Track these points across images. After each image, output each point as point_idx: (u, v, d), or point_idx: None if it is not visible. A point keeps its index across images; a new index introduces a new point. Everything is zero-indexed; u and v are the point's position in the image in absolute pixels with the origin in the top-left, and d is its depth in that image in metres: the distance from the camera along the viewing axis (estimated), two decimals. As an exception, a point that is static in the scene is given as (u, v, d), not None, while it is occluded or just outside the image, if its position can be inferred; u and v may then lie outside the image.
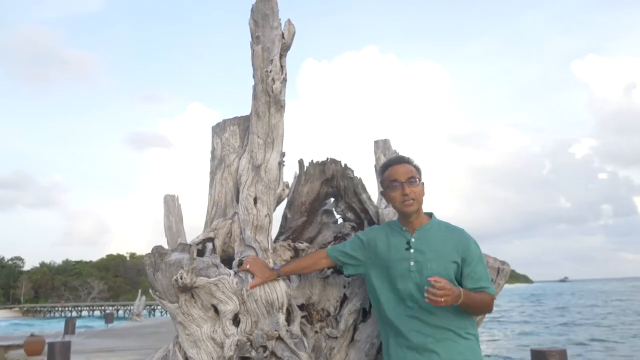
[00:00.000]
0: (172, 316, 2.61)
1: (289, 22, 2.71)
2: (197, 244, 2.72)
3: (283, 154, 2.87)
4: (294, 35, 2.72)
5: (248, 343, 2.54)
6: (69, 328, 14.86)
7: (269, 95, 2.69)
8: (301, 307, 2.95)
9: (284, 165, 2.92)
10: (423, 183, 2.53)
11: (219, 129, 2.92)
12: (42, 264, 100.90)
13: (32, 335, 11.88)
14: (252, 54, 2.69)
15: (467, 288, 2.39)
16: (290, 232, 3.17)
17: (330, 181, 3.18)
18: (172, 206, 3.05)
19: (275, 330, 2.58)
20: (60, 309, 70.99)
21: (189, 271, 2.43)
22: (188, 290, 2.50)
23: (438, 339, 2.36)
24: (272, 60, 2.65)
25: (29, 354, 11.14)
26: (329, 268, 2.92)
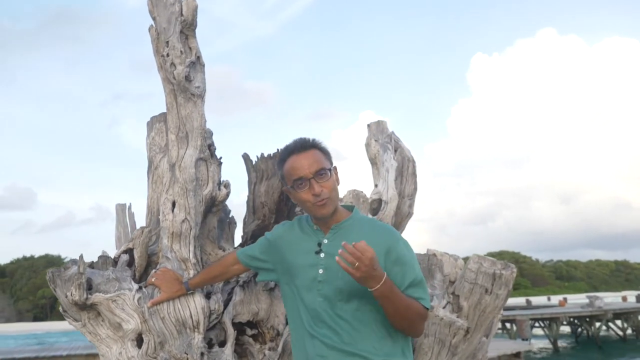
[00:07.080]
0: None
1: None
2: (118, 256, 2.48)
3: (209, 148, 2.50)
4: (195, 9, 2.34)
5: (152, 368, 2.22)
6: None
7: (172, 83, 2.35)
8: (251, 324, 2.55)
9: (219, 162, 2.55)
10: (335, 168, 1.95)
11: (148, 128, 2.65)
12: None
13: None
14: (151, 40, 2.38)
15: None
16: (246, 237, 2.77)
17: (288, 176, 2.72)
18: (121, 216, 2.86)
19: (185, 353, 2.22)
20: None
21: (77, 287, 2.18)
22: (87, 307, 2.26)
23: None
24: (167, 42, 2.32)
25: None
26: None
